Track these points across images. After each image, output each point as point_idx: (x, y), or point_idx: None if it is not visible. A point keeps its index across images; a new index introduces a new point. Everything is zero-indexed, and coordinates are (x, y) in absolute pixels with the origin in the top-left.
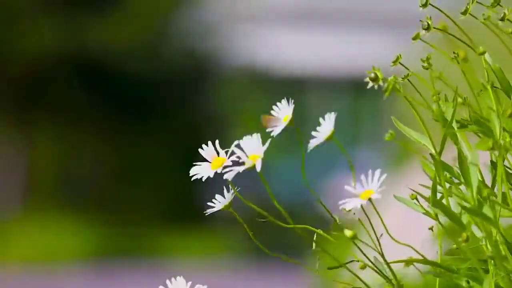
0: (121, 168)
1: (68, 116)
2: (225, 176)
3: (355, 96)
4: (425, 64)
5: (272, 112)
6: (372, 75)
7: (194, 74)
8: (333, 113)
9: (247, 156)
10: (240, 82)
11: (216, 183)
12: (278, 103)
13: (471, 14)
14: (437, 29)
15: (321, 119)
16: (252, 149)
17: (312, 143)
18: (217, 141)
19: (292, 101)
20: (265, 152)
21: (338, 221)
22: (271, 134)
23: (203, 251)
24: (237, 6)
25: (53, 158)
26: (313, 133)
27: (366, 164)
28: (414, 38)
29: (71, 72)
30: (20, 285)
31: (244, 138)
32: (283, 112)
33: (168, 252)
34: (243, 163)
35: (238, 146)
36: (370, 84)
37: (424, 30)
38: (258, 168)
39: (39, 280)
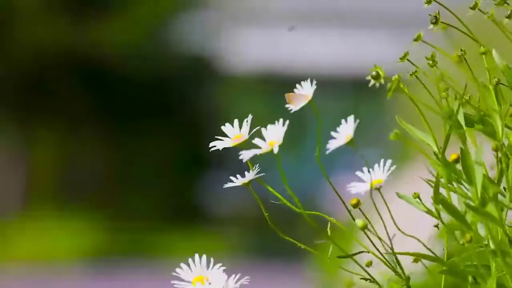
0: (121, 168)
1: (68, 116)
2: (241, 157)
3: (355, 96)
4: (430, 62)
5: (295, 90)
6: (374, 73)
7: (195, 75)
8: (352, 116)
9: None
10: (240, 83)
11: (217, 183)
12: (302, 82)
13: (480, 10)
14: (444, 23)
15: (343, 121)
16: (271, 136)
17: (332, 145)
18: (236, 120)
19: (315, 82)
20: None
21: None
22: (291, 110)
23: (203, 251)
24: (237, 7)
25: (53, 158)
26: (333, 133)
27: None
28: (415, 40)
29: (72, 73)
30: (20, 285)
31: (268, 126)
32: (305, 91)
33: (168, 252)
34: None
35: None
36: (372, 82)
37: (432, 25)
38: (276, 150)
39: (39, 280)
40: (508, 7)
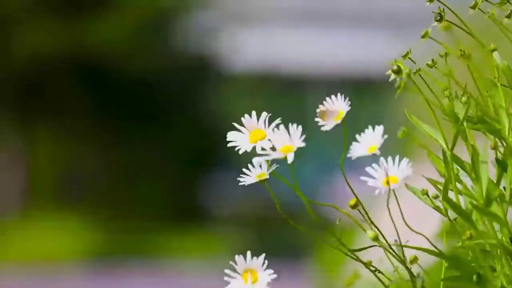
0: (121, 168)
1: (68, 116)
2: (253, 160)
3: (355, 96)
4: (431, 62)
5: (326, 105)
6: (395, 67)
7: (194, 74)
8: (381, 126)
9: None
10: (240, 82)
11: (217, 183)
12: (333, 97)
13: (480, 9)
14: (448, 21)
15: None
16: (284, 140)
17: (356, 153)
18: (264, 113)
19: (348, 100)
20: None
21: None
22: (323, 129)
23: (203, 251)
24: (237, 7)
25: (53, 158)
26: (358, 137)
27: (367, 163)
28: (423, 36)
29: (72, 73)
30: (20, 285)
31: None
32: (337, 107)
33: (168, 252)
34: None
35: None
36: (392, 76)
37: (436, 22)
38: (290, 160)
39: (38, 280)
40: (506, 8)
